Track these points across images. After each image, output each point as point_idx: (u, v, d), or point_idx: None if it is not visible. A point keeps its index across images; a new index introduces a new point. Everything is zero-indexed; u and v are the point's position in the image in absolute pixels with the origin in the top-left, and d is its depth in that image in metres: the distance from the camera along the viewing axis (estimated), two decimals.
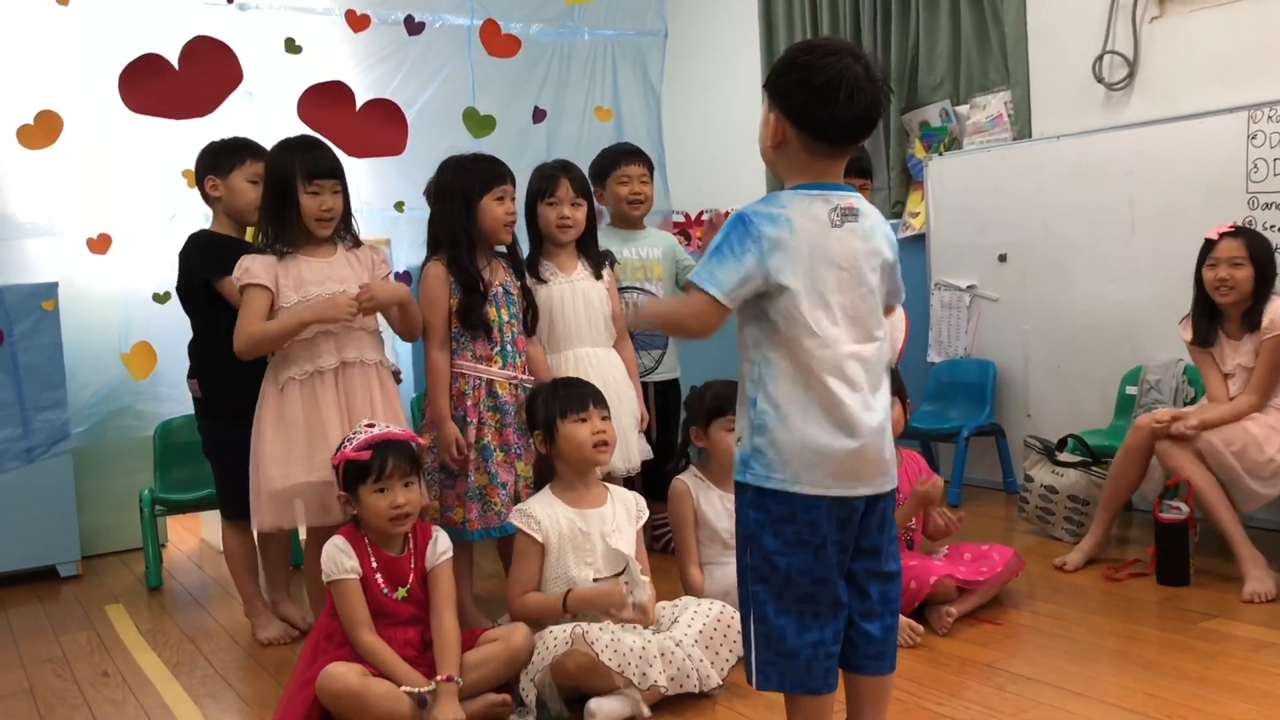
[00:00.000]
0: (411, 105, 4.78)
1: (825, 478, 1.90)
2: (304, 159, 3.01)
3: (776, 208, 1.91)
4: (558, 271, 3.37)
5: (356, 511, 2.66)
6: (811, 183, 1.95)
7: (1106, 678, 2.68)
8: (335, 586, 2.62)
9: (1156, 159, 4.15)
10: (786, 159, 1.98)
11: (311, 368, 3.00)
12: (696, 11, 6.57)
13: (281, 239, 3.02)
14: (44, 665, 3.25)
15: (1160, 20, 4.36)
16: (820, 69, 1.89)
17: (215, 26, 4.13)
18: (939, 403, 4.89)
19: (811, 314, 1.89)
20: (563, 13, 5.33)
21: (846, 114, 1.89)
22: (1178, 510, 3.33)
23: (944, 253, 4.97)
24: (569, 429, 2.85)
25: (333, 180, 3.04)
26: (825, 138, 1.92)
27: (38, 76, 4.24)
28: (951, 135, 5.18)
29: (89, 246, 4.23)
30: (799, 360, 1.90)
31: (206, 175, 3.40)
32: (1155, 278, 4.16)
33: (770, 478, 1.92)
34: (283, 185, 3.01)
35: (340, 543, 2.64)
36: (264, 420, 3.03)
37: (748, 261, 1.88)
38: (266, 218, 3.06)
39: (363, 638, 2.58)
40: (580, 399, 2.88)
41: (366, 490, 2.62)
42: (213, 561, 4.43)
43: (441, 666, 2.56)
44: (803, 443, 1.90)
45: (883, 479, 1.96)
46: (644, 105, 5.62)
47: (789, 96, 1.92)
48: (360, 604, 2.61)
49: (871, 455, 1.92)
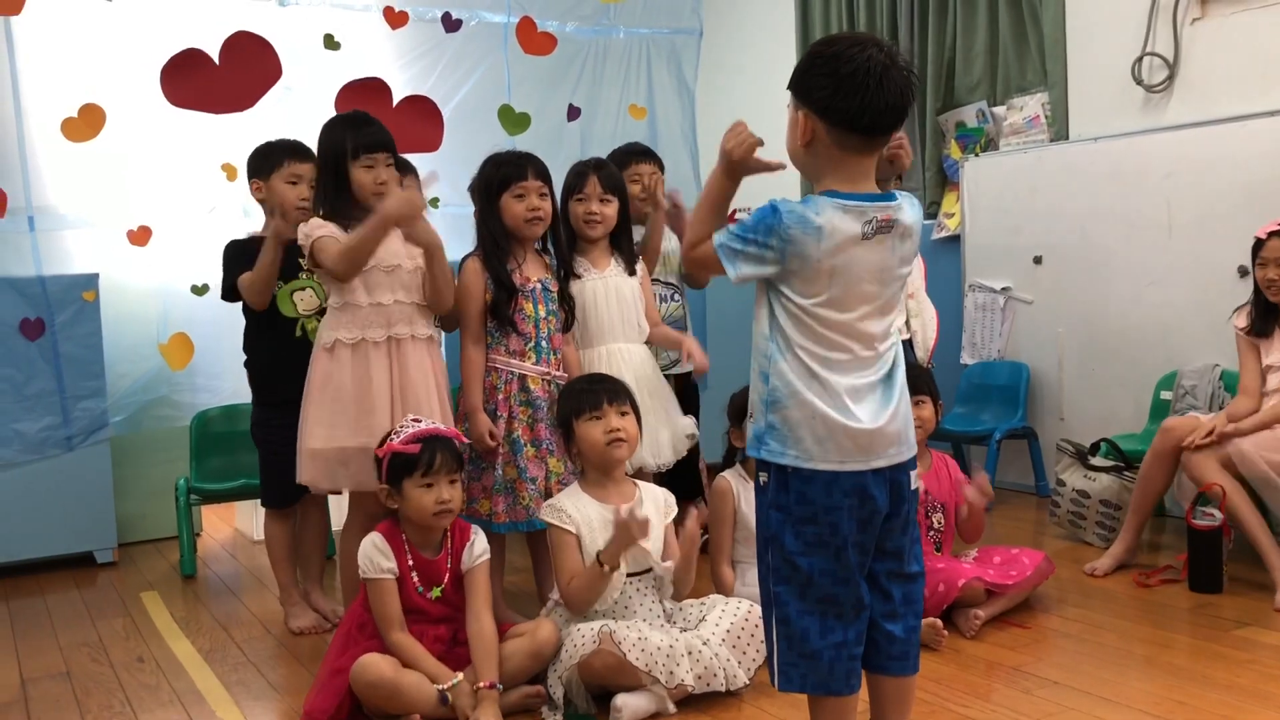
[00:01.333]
0: (448, 102, 4.82)
1: (837, 452, 1.90)
2: (355, 134, 2.99)
3: (812, 212, 1.87)
4: (591, 268, 3.39)
5: (398, 505, 2.68)
6: (849, 192, 1.91)
7: (1135, 684, 2.66)
8: (371, 585, 2.65)
9: (1196, 162, 4.11)
10: (817, 158, 1.94)
11: (360, 334, 2.97)
12: (732, 10, 6.56)
13: (336, 215, 2.98)
14: (80, 649, 3.30)
15: (1202, 21, 4.31)
16: (846, 59, 1.85)
17: (256, 22, 4.18)
18: (971, 405, 4.86)
19: (826, 318, 1.90)
20: (598, 11, 5.35)
21: (879, 102, 1.85)
22: (1211, 516, 3.30)
23: (979, 254, 4.94)
24: (583, 428, 2.85)
25: (385, 154, 3.01)
26: (858, 129, 1.88)
27: (82, 70, 4.31)
28: (988, 136, 5.16)
29: (129, 239, 4.30)
30: (810, 341, 1.90)
31: (252, 179, 3.43)
32: (1192, 282, 4.12)
33: (785, 454, 1.92)
34: (335, 162, 2.99)
35: (379, 541, 2.65)
36: (312, 381, 3.01)
37: (768, 256, 1.89)
38: (321, 196, 3.04)
39: (393, 636, 2.61)
40: (594, 396, 2.87)
41: (412, 484, 2.63)
42: (246, 551, 4.49)
43: (482, 673, 2.57)
44: (812, 418, 1.89)
45: (897, 449, 1.95)
46: (678, 103, 5.63)
47: (816, 91, 1.88)
48: (394, 603, 2.62)
49: (884, 430, 1.92)
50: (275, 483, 3.37)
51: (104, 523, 4.28)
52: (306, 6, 4.77)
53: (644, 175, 3.87)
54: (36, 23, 4.22)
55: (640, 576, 2.82)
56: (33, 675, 3.10)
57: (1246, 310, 3.55)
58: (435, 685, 2.53)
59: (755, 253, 1.89)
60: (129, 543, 4.52)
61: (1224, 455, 3.33)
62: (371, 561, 2.63)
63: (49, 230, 4.38)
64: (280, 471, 3.18)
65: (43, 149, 4.28)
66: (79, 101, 3.96)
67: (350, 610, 2.78)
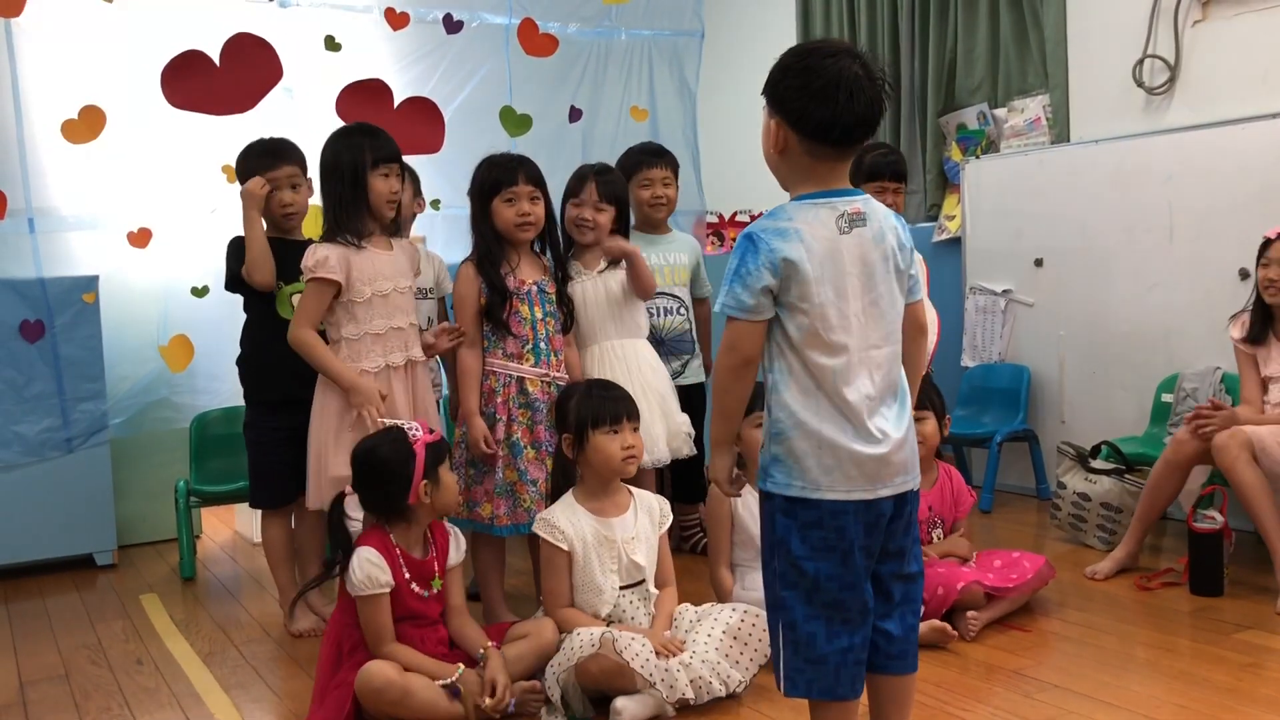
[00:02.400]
0: (449, 104, 4.81)
1: (844, 481, 1.90)
2: (373, 144, 3.02)
3: (784, 221, 1.90)
4: (582, 270, 3.42)
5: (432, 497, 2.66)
6: (816, 191, 1.93)
7: (1136, 687, 2.65)
8: (366, 601, 2.59)
9: (1197, 165, 4.11)
10: (790, 165, 1.96)
11: (384, 362, 3.02)
12: (734, 12, 6.56)
13: (352, 227, 3.00)
14: (80, 651, 3.30)
15: (1203, 24, 4.31)
16: (819, 71, 1.86)
17: (256, 23, 4.17)
18: (972, 408, 4.86)
19: (824, 323, 1.89)
20: (600, 12, 5.35)
21: (848, 115, 1.86)
22: (1212, 520, 3.30)
23: (979, 257, 4.93)
24: (600, 440, 2.82)
25: (396, 164, 3.07)
26: (828, 140, 1.90)
27: (82, 72, 4.31)
28: (989, 138, 5.15)
29: (129, 240, 4.28)
30: (812, 369, 1.90)
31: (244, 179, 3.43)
32: (1194, 285, 4.12)
33: (791, 485, 1.92)
34: (353, 172, 3.00)
35: (372, 556, 2.58)
36: (329, 410, 3.01)
37: (765, 278, 1.88)
38: (335, 206, 3.03)
39: (385, 649, 2.58)
40: (614, 410, 2.85)
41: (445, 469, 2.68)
42: (246, 553, 4.48)
43: (477, 643, 2.64)
44: (818, 448, 1.90)
45: (904, 478, 1.95)
46: (679, 105, 5.63)
47: (789, 101, 1.90)
48: (387, 617, 2.59)
49: (891, 458, 1.91)
50: (264, 484, 3.37)
51: (104, 525, 4.28)
52: (307, 8, 4.77)
53: (655, 180, 3.86)
54: (37, 24, 4.22)
55: (634, 589, 2.83)
56: (31, 678, 3.09)
57: (1241, 320, 3.54)
58: (439, 682, 2.52)
59: (752, 280, 1.88)
60: (129, 545, 4.52)
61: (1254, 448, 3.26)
62: (370, 578, 2.57)
63: (49, 232, 4.37)
64: (270, 473, 3.19)
65: (43, 151, 4.27)
66: (79, 103, 3.95)
67: (332, 628, 2.70)
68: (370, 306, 3.01)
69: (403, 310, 3.07)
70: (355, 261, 2.99)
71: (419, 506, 2.65)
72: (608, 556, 2.82)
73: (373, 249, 3.04)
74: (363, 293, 3.00)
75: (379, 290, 3.01)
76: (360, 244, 3.01)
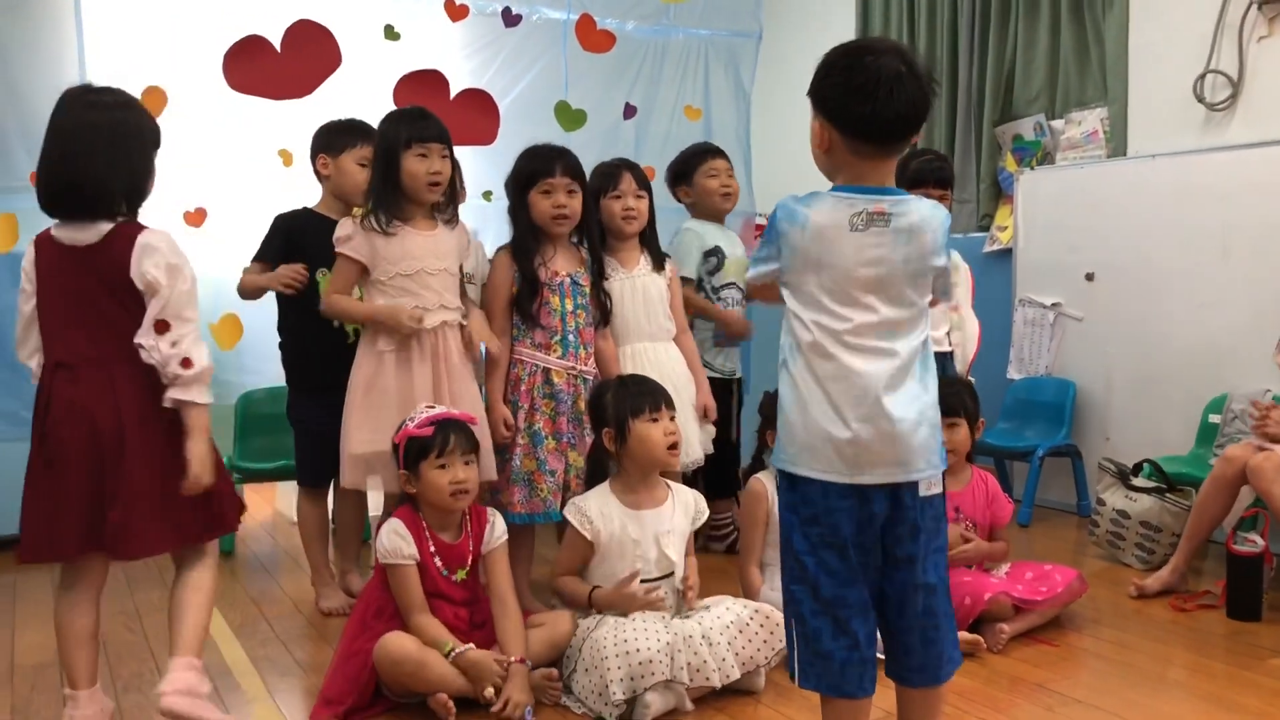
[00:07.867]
0: (505, 96, 4.85)
1: (821, 462, 1.91)
2: (410, 125, 3.03)
3: (804, 205, 1.92)
4: (619, 267, 3.41)
5: (415, 490, 2.71)
6: (846, 184, 1.94)
7: (1164, 707, 2.61)
8: (392, 571, 2.66)
9: (1256, 184, 4.03)
10: (834, 164, 1.97)
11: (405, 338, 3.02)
12: (793, 14, 6.54)
13: (386, 207, 3.01)
14: (117, 618, 3.37)
15: (1269, 40, 4.23)
16: (860, 68, 1.87)
17: (317, 11, 4.23)
18: (1015, 420, 4.80)
19: (816, 308, 1.92)
20: (658, 10, 5.35)
21: (887, 111, 1.86)
22: (1253, 543, 3.24)
23: (1030, 269, 4.88)
24: (642, 428, 2.83)
25: (440, 145, 3.04)
26: (868, 137, 1.90)
27: (145, 54, 4.38)
28: (1045, 150, 5.09)
29: (185, 219, 4.36)
30: (810, 350, 1.92)
31: (319, 153, 3.47)
32: (1247, 306, 4.04)
33: (780, 458, 1.97)
34: (388, 153, 3.02)
35: (399, 527, 2.66)
36: (356, 385, 3.05)
37: (770, 250, 1.97)
38: (374, 187, 3.07)
39: (415, 619, 2.62)
40: (654, 398, 2.87)
41: (428, 466, 2.67)
42: (285, 532, 4.54)
43: (511, 649, 2.62)
44: (805, 427, 1.92)
45: (896, 468, 1.92)
46: (734, 106, 5.62)
47: (830, 99, 1.91)
48: (416, 588, 2.64)
49: (873, 446, 1.89)
50: (309, 461, 3.43)
51: None
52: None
53: (720, 170, 3.92)
54: (104, 7, 4.31)
55: (660, 581, 2.83)
56: None
57: None
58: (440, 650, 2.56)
59: (765, 254, 1.98)
60: None
61: None
62: (393, 548, 2.64)
63: None
64: (315, 450, 3.23)
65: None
66: (142, 84, 4.03)
67: (364, 595, 2.79)
68: (396, 285, 3.01)
69: (433, 290, 3.03)
70: (379, 244, 3.00)
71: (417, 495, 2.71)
72: (633, 554, 2.82)
73: (410, 230, 3.03)
74: (388, 271, 3.00)
75: (404, 270, 3.01)
76: (387, 228, 3.00)
